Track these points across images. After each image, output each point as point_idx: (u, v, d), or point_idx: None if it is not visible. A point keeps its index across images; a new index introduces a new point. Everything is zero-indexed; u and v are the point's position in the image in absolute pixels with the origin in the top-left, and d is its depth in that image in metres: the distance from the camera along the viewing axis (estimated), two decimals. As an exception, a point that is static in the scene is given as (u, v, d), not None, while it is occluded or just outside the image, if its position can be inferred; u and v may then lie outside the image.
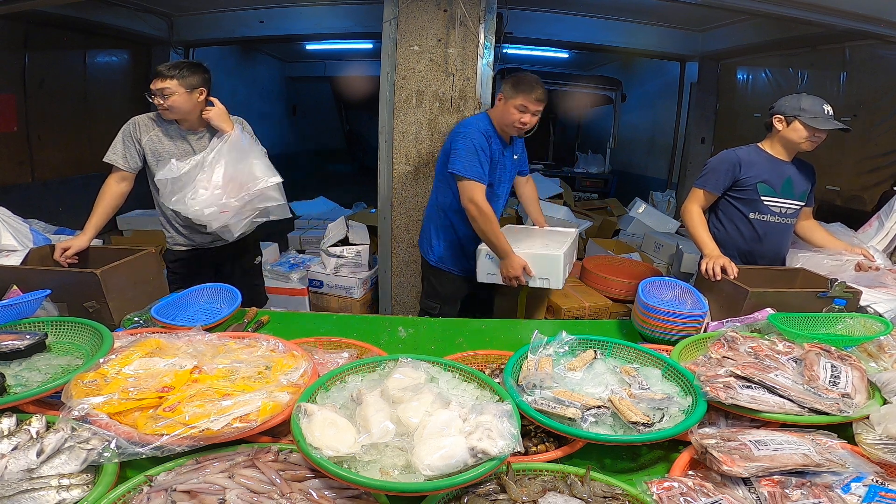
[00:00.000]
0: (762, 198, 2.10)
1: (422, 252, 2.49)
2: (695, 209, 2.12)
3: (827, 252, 2.15)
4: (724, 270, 1.84)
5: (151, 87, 2.00)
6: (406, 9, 2.80)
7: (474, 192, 2.05)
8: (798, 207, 2.16)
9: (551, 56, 6.83)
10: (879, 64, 3.90)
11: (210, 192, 1.98)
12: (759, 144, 2.17)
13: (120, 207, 2.14)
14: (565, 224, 4.34)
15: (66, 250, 1.85)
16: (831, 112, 2.00)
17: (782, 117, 2.05)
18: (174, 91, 1.99)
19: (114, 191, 2.08)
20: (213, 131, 2.12)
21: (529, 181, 2.57)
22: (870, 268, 2.00)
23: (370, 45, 6.30)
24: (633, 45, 5.43)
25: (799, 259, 2.18)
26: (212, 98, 2.10)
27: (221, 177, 1.99)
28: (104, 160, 2.08)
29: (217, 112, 2.07)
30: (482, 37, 2.84)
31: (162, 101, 1.99)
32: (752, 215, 2.13)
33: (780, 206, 2.12)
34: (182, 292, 1.78)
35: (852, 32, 3.59)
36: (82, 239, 1.92)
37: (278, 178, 2.11)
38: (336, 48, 7.57)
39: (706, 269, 1.88)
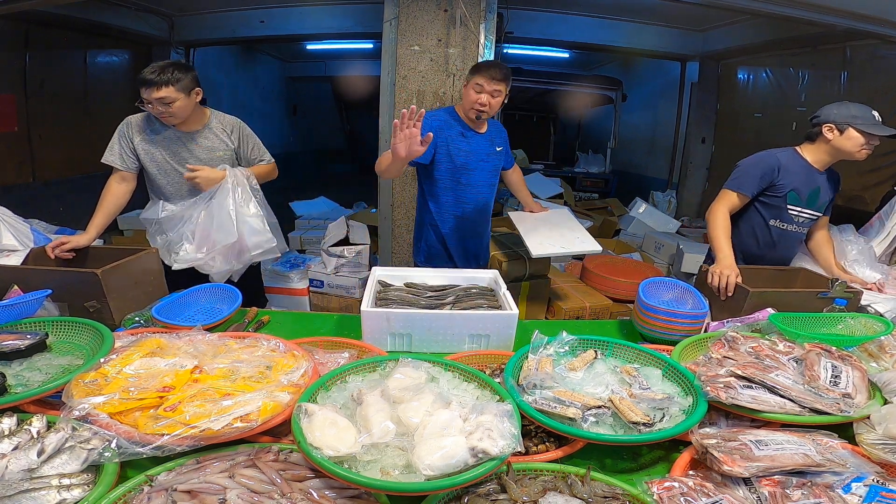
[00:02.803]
0: (788, 206, 2.03)
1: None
2: (721, 211, 2.00)
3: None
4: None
5: (144, 96, 1.91)
6: (406, 9, 2.81)
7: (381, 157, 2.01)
8: (814, 217, 2.10)
9: (552, 56, 6.83)
10: (880, 64, 3.90)
11: (195, 251, 2.00)
12: (797, 149, 2.06)
13: (124, 206, 2.14)
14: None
15: (62, 244, 1.84)
16: (880, 117, 1.92)
17: (833, 126, 1.93)
18: (175, 98, 1.92)
19: (115, 191, 2.07)
20: (209, 131, 2.11)
21: (515, 170, 2.58)
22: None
23: (370, 45, 6.31)
24: (634, 45, 5.44)
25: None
26: (191, 166, 2.03)
27: (206, 239, 1.99)
28: (102, 161, 2.08)
29: (204, 177, 2.01)
30: (482, 37, 2.84)
31: (163, 110, 1.93)
32: (772, 222, 2.07)
33: (801, 216, 2.07)
34: (182, 292, 1.78)
35: (853, 32, 3.59)
36: (83, 237, 1.92)
37: (272, 243, 2.09)
38: (336, 48, 7.58)
39: (715, 280, 1.81)
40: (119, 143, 2.06)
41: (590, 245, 2.39)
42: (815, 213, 2.09)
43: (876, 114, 1.93)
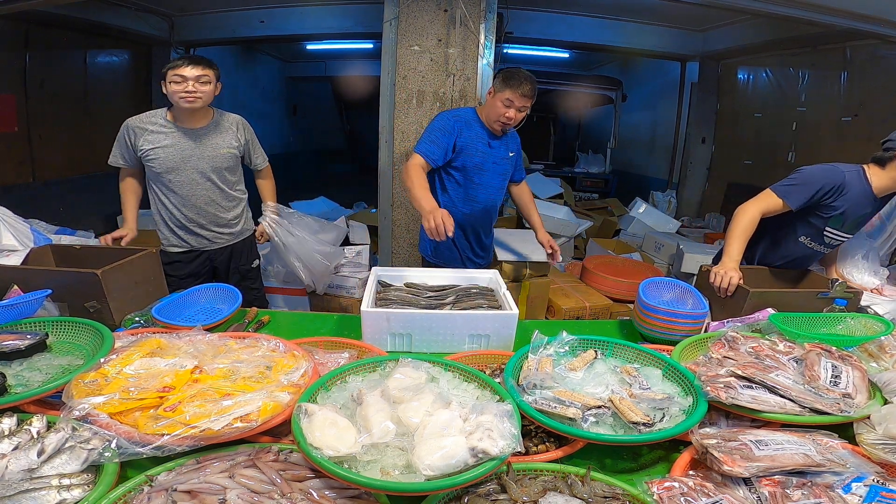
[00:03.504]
0: (826, 228, 1.89)
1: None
2: (753, 213, 1.84)
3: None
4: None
5: (181, 73, 1.96)
6: (406, 9, 2.81)
7: (410, 160, 2.09)
8: (846, 240, 1.97)
9: (551, 56, 6.83)
10: (880, 64, 3.90)
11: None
12: (865, 169, 1.85)
13: (142, 195, 2.25)
14: (566, 224, 4.35)
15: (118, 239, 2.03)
16: None
17: None
18: (210, 79, 2.02)
19: (131, 184, 2.19)
20: (214, 128, 2.16)
21: (524, 187, 2.53)
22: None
23: (370, 45, 6.31)
24: (634, 45, 5.44)
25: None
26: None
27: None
28: (109, 163, 2.15)
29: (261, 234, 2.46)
30: (482, 37, 2.84)
31: (196, 89, 1.98)
32: (802, 238, 1.94)
33: (834, 239, 1.93)
34: (183, 292, 1.78)
35: (853, 32, 3.59)
36: (129, 228, 2.14)
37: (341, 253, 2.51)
38: (336, 48, 7.58)
39: (717, 280, 1.75)
40: (119, 148, 2.12)
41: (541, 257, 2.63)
42: (848, 236, 1.96)
43: None
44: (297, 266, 2.37)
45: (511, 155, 2.33)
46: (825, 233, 1.91)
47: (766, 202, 1.86)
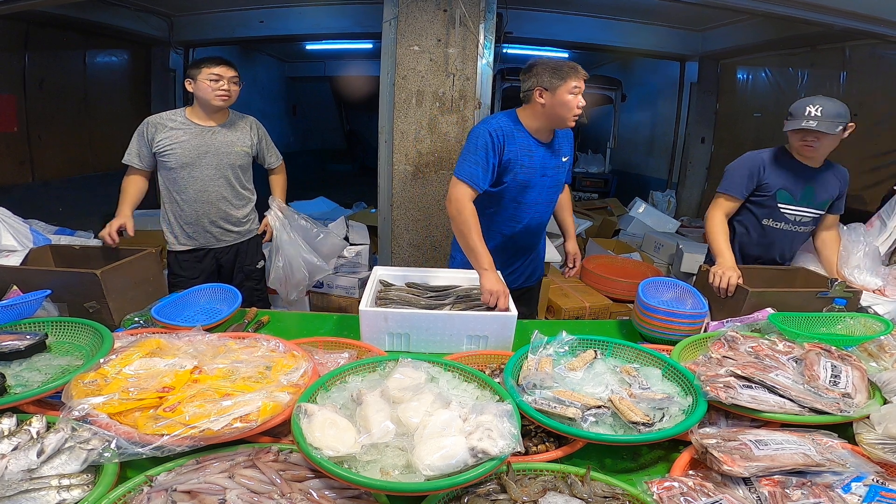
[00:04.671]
0: (779, 205, 2.02)
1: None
2: (716, 216, 2.03)
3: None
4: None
5: (215, 71, 2.09)
6: (406, 9, 2.80)
7: (456, 191, 1.79)
8: (815, 216, 2.07)
9: (551, 56, 6.82)
10: (879, 64, 3.90)
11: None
12: (787, 146, 2.06)
13: (142, 196, 2.22)
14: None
15: (112, 230, 1.95)
16: (818, 112, 1.87)
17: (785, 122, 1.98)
18: (237, 81, 2.15)
19: (136, 183, 2.17)
20: (229, 127, 2.22)
21: (566, 190, 2.26)
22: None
23: (370, 45, 6.30)
24: (633, 45, 5.44)
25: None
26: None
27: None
28: (123, 162, 2.14)
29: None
30: (482, 37, 2.84)
31: (229, 87, 2.12)
32: (765, 221, 2.06)
33: (796, 215, 2.04)
34: (182, 292, 1.78)
35: (852, 32, 3.59)
36: (124, 216, 2.03)
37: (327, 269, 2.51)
38: (336, 48, 7.57)
39: (716, 281, 1.80)
40: (137, 143, 2.13)
41: (552, 255, 2.55)
42: (816, 212, 2.06)
43: (811, 108, 1.88)
44: (278, 266, 2.35)
45: (565, 160, 2.02)
46: (781, 210, 2.04)
47: (719, 203, 2.06)
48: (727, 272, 1.79)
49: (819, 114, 1.87)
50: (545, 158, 1.93)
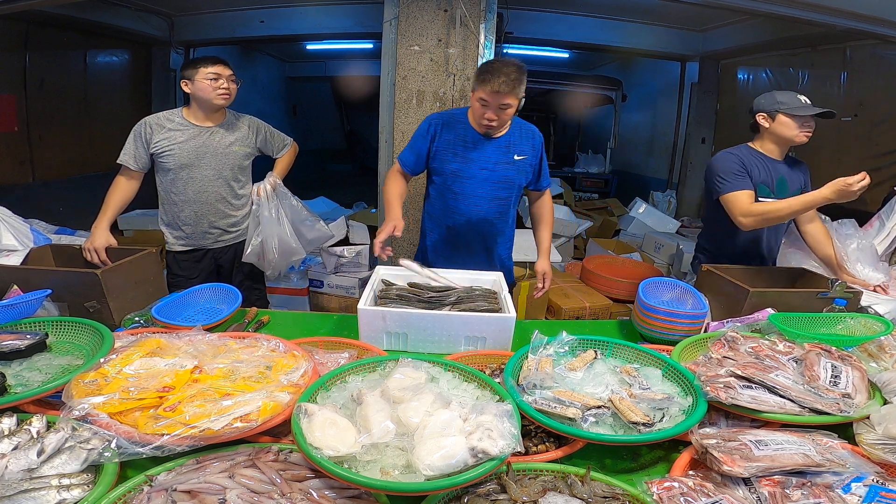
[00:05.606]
0: (760, 199, 2.03)
1: None
2: (757, 206, 1.94)
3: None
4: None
5: (213, 70, 2.09)
6: (406, 9, 2.80)
7: (392, 167, 2.05)
8: None
9: (551, 56, 6.82)
10: (880, 64, 3.90)
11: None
12: (749, 144, 2.13)
13: (126, 207, 2.18)
14: (566, 224, 4.35)
15: (96, 251, 1.89)
16: (808, 101, 1.99)
17: (766, 115, 2.03)
18: (234, 80, 2.16)
19: (124, 188, 2.11)
20: (227, 127, 2.21)
21: (544, 199, 2.17)
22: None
23: (370, 45, 6.30)
24: (634, 45, 5.44)
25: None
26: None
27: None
28: (118, 161, 2.10)
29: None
30: (482, 37, 2.84)
31: (229, 86, 2.12)
32: None
33: None
34: (183, 292, 1.78)
35: (853, 32, 3.59)
36: (102, 238, 1.93)
37: (303, 254, 2.43)
38: (336, 48, 7.57)
39: (862, 183, 1.81)
40: (134, 143, 2.09)
41: (552, 255, 2.41)
42: None
43: (803, 98, 1.99)
44: (255, 241, 2.28)
45: (519, 159, 1.99)
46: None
47: (741, 199, 1.97)
48: (854, 177, 1.80)
49: (809, 102, 1.97)
50: (487, 153, 1.96)
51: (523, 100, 1.87)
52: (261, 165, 2.46)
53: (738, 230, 2.05)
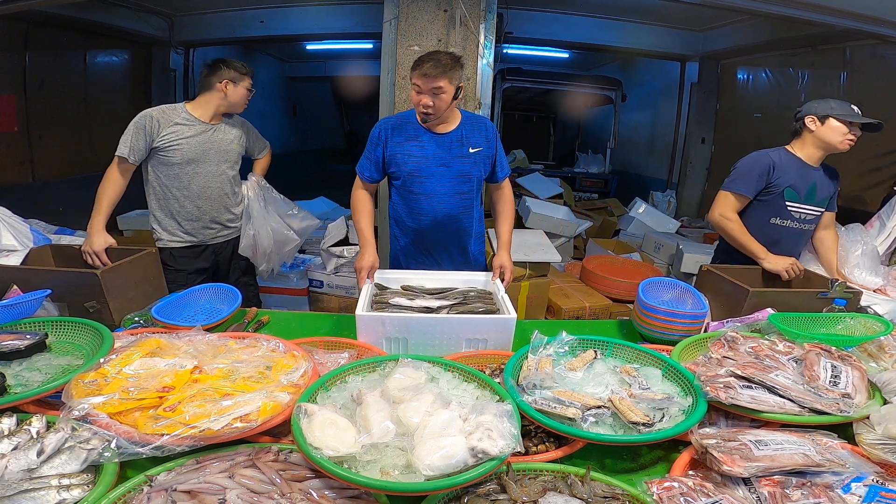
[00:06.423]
0: (787, 203, 2.05)
1: None
2: (728, 214, 2.06)
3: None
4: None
5: (251, 82, 2.25)
6: (406, 9, 2.81)
7: (355, 182, 2.04)
8: (818, 214, 2.12)
9: (551, 56, 6.83)
10: (880, 64, 3.90)
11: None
12: (787, 147, 2.11)
13: (118, 203, 2.13)
14: (565, 224, 4.34)
15: (96, 254, 1.87)
16: (859, 111, 2.01)
17: (815, 118, 2.01)
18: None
19: (116, 183, 2.05)
20: (224, 125, 2.26)
21: (504, 192, 2.08)
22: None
23: (370, 45, 6.30)
24: (633, 45, 5.44)
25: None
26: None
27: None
28: (116, 154, 2.03)
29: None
30: (482, 37, 2.84)
31: (249, 94, 2.26)
32: (772, 220, 2.08)
33: (802, 213, 2.08)
34: (182, 292, 1.78)
35: (853, 32, 3.59)
36: (101, 239, 1.89)
37: (297, 240, 2.52)
38: (336, 48, 7.57)
39: (791, 274, 1.92)
40: (135, 136, 2.04)
41: (551, 255, 2.40)
42: (818, 209, 2.10)
43: (855, 108, 2.00)
44: (249, 234, 2.33)
45: (474, 151, 1.94)
46: (788, 208, 2.07)
47: (728, 202, 2.08)
48: (785, 263, 1.92)
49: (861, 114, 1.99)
50: (441, 149, 1.93)
51: (461, 90, 1.86)
52: (242, 167, 2.47)
53: (759, 233, 2.07)
